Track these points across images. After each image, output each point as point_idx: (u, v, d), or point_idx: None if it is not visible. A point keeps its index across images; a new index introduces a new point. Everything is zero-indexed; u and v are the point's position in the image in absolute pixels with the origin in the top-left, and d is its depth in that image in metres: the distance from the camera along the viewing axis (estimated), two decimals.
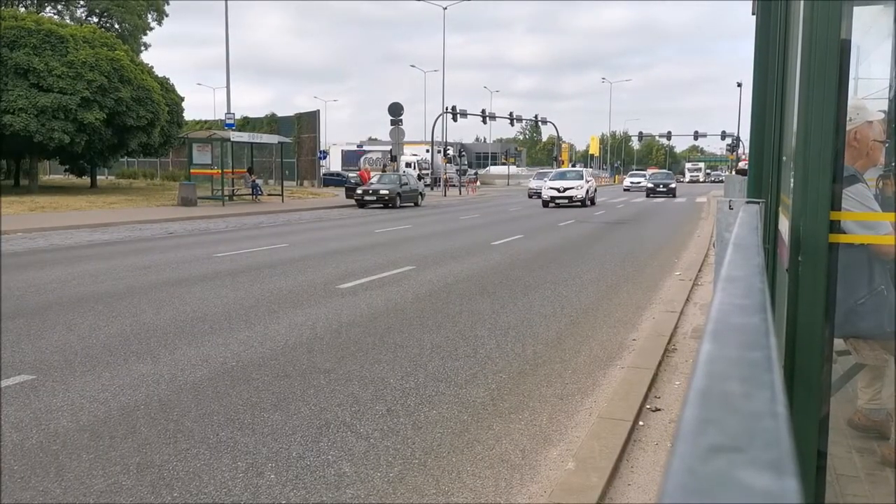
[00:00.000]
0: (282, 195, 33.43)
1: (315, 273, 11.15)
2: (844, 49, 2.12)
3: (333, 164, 67.02)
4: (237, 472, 3.95)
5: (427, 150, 61.17)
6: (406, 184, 32.60)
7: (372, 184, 32.55)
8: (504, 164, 78.27)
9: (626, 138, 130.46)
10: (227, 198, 30.36)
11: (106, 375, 5.66)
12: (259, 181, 34.32)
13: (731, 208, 3.04)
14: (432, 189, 51.07)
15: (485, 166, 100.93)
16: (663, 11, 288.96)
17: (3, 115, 29.21)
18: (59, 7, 49.61)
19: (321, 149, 49.55)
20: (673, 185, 44.77)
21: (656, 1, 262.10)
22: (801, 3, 2.20)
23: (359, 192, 31.59)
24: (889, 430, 3.62)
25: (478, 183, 61.78)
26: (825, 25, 2.04)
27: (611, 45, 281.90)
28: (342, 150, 75.36)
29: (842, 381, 3.59)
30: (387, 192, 30.98)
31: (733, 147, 68.19)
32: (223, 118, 35.78)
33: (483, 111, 61.84)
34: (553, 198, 31.97)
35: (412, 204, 32.71)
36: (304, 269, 11.51)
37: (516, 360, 6.30)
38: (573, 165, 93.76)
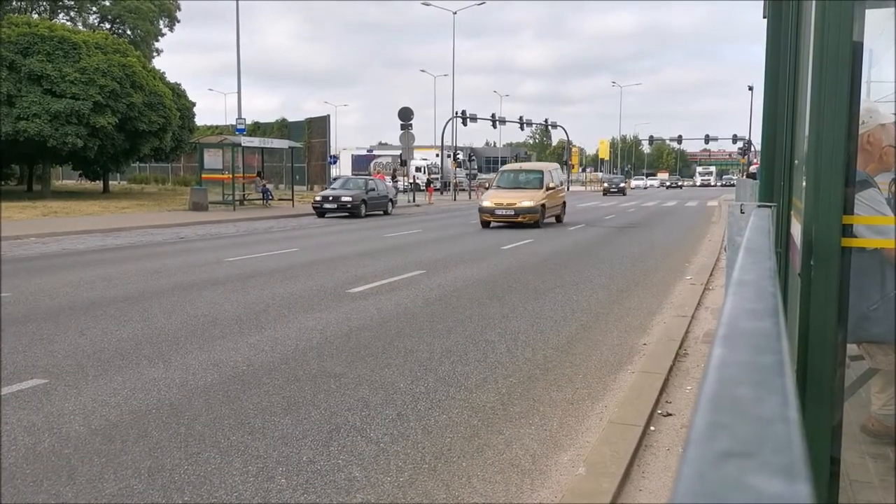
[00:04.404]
0: (292, 200, 33.52)
1: (325, 277, 11.17)
2: (857, 51, 2.10)
3: (343, 168, 67.19)
4: (248, 476, 3.96)
5: (437, 155, 61.26)
6: (372, 189, 28.59)
7: (333, 189, 28.52)
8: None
9: (636, 142, 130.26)
10: (237, 202, 30.47)
11: (118, 379, 5.69)
12: (269, 186, 34.43)
13: (742, 212, 3.02)
14: (442, 193, 51.13)
15: (495, 170, 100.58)
16: (671, 15, 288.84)
17: (17, 120, 29.46)
18: (72, 14, 50.05)
19: (331, 153, 49.65)
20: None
21: (664, 2, 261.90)
22: (813, 4, 2.19)
23: (317, 198, 27.65)
24: None
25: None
26: (837, 27, 2.03)
27: (618, 49, 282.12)
28: (352, 155, 75.61)
29: (855, 387, 3.56)
30: (349, 199, 26.76)
31: (744, 150, 67.91)
32: (234, 123, 35.96)
33: (493, 115, 61.94)
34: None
35: (381, 212, 29.07)
36: (314, 274, 11.54)
37: (526, 364, 6.29)
38: (584, 170, 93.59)
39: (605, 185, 62.87)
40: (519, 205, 21.21)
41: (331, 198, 26.98)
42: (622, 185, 61.56)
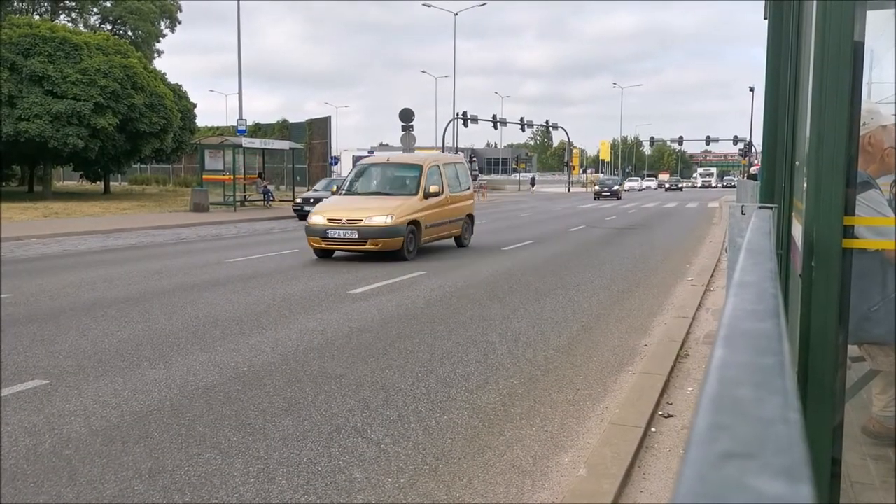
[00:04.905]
0: (293, 201, 33.50)
1: (326, 278, 11.17)
2: (858, 51, 2.10)
3: (344, 169, 67.13)
4: (249, 478, 3.95)
5: None
6: None
7: (316, 190, 27.20)
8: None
9: (638, 143, 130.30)
10: (238, 203, 30.48)
11: (118, 380, 5.69)
12: (270, 187, 34.43)
13: (743, 213, 3.02)
14: None
15: (496, 171, 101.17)
16: (672, 16, 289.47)
17: (19, 121, 29.50)
18: (73, 15, 50.09)
19: (332, 154, 49.63)
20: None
21: (664, 4, 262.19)
22: (814, 5, 2.19)
23: (298, 200, 26.67)
24: None
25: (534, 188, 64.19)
26: (838, 28, 2.03)
27: (619, 50, 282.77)
28: (353, 156, 75.45)
29: (856, 388, 3.56)
30: None
31: (745, 152, 67.91)
32: (235, 124, 35.98)
33: (494, 117, 61.98)
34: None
35: None
36: (315, 275, 11.54)
37: (527, 365, 6.29)
38: (584, 171, 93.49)
39: (596, 187, 54.05)
40: (366, 222, 13.14)
41: (312, 200, 25.12)
42: (616, 187, 52.31)
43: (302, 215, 25.35)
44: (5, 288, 9.85)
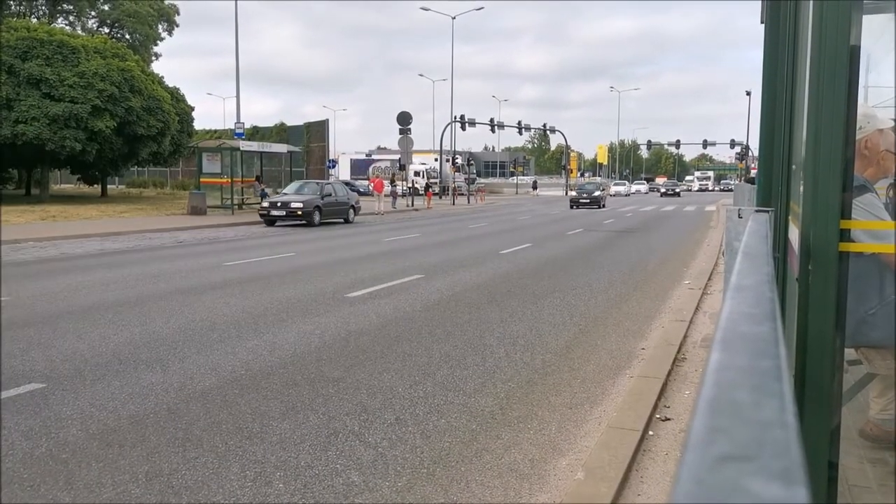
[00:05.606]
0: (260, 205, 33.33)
1: (323, 281, 11.16)
2: (854, 55, 2.11)
3: (342, 173, 67.15)
4: (246, 481, 3.95)
5: (436, 159, 61.35)
6: (329, 195, 25.79)
7: (285, 194, 26.10)
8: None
9: (635, 147, 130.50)
10: (236, 207, 30.46)
11: (115, 384, 5.68)
12: (268, 190, 34.39)
13: (740, 217, 3.03)
14: (440, 198, 51.23)
15: (493, 175, 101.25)
16: (669, 20, 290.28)
17: (16, 124, 29.47)
18: (71, 18, 50.10)
19: (330, 158, 49.61)
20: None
21: (662, 7, 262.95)
22: (811, 5, 2.20)
23: (265, 204, 25.23)
24: None
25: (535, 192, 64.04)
26: (834, 31, 2.03)
27: (617, 54, 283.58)
28: (351, 160, 75.57)
29: (853, 391, 3.56)
30: (300, 205, 24.12)
31: (742, 155, 67.98)
32: (233, 127, 35.97)
33: (491, 120, 61.95)
34: None
35: (341, 220, 26.50)
36: (313, 278, 11.53)
37: (525, 368, 6.28)
38: (582, 174, 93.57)
39: (573, 193, 46.37)
40: None
41: (279, 203, 24.45)
42: (598, 193, 43.65)
43: (270, 220, 24.59)
44: (3, 291, 9.83)
